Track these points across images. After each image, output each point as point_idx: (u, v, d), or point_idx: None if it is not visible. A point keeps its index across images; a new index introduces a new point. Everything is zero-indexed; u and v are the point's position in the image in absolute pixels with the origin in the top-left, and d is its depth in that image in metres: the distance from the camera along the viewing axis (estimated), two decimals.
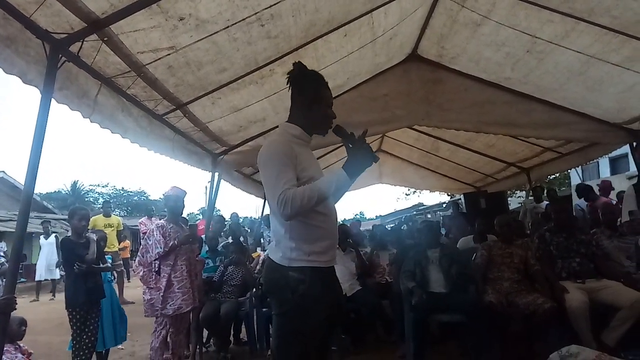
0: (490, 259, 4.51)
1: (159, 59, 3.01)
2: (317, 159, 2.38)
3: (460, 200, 10.81)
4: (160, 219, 5.32)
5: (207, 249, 5.65)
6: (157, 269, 4.11)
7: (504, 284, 4.34)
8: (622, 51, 3.69)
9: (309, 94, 2.19)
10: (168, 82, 3.39)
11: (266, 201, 8.69)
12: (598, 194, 7.52)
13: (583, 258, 4.22)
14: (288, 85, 2.23)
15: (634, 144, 5.22)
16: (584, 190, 7.69)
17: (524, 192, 15.43)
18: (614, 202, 7.01)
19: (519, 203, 15.01)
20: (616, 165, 17.22)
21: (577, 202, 8.02)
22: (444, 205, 22.61)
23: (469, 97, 5.06)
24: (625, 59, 3.78)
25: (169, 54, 3.00)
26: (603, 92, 4.49)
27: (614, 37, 3.55)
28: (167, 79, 3.34)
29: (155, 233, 4.15)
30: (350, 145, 2.18)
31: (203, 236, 5.81)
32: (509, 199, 14.47)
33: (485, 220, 5.70)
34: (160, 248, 4.08)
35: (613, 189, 8.07)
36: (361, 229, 10.30)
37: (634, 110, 4.68)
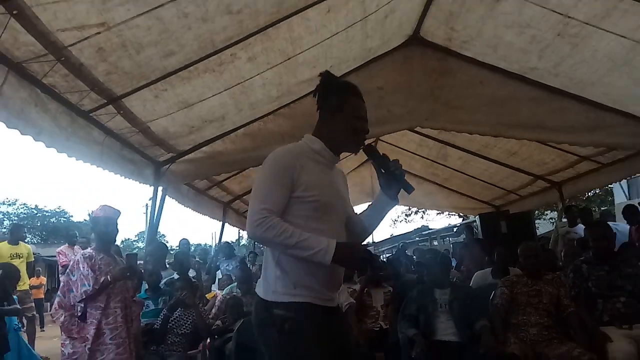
0: (513, 299, 4.54)
1: (86, 38, 2.98)
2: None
3: (475, 223, 10.91)
4: (86, 247, 5.23)
5: (147, 287, 5.57)
6: (80, 313, 4.03)
7: (530, 330, 4.37)
8: None
9: (332, 102, 2.37)
10: (97, 69, 3.36)
11: (224, 224, 8.74)
12: None
13: (630, 297, 4.28)
14: (315, 98, 2.44)
15: None
16: (627, 210, 7.87)
17: (555, 212, 15.68)
18: None
19: (552, 224, 15.22)
20: None
21: (614, 224, 8.18)
22: (455, 230, 22.76)
23: (485, 92, 5.12)
24: None
25: (98, 33, 2.98)
26: None
27: None
28: (96, 64, 3.31)
29: (81, 266, 4.07)
30: (383, 171, 2.41)
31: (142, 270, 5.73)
32: (537, 221, 14.70)
33: (507, 249, 5.76)
34: (89, 285, 3.99)
35: None
36: None
37: None
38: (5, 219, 41.20)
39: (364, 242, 2.32)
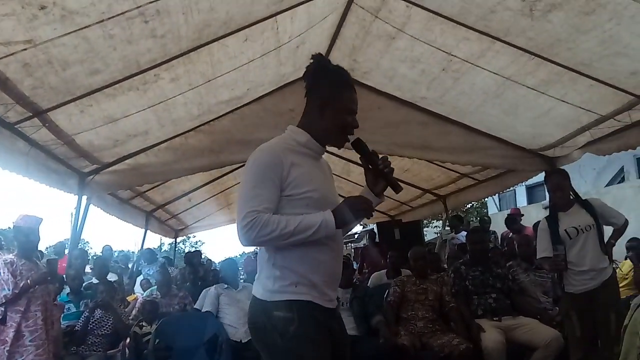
0: (403, 297, 4.67)
1: (12, 54, 2.79)
2: None
3: (373, 231, 11.14)
4: (9, 253, 4.88)
5: (69, 290, 5.27)
6: (0, 317, 3.76)
7: (417, 323, 4.51)
8: (538, 74, 4.07)
9: (323, 94, 2.06)
10: (23, 84, 3.15)
11: (146, 231, 8.43)
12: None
13: (499, 294, 4.52)
14: (304, 81, 2.13)
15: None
16: (508, 220, 8.37)
17: (440, 221, 16.33)
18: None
19: (436, 233, 15.82)
20: (533, 194, 18.85)
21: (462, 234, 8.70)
22: (356, 236, 23.16)
23: (382, 117, 5.26)
24: (540, 82, 4.17)
25: (25, 49, 2.80)
26: (519, 117, 4.91)
27: (529, 59, 3.90)
28: (22, 79, 3.10)
29: (2, 271, 3.82)
30: (370, 167, 2.15)
31: (64, 275, 5.43)
32: (425, 229, 15.25)
33: (400, 253, 5.92)
34: (9, 290, 3.75)
35: (523, 214, 8.88)
36: None
37: (549, 136, 5.16)
38: None
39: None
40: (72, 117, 3.88)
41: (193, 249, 17.79)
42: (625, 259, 6.34)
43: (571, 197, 4.05)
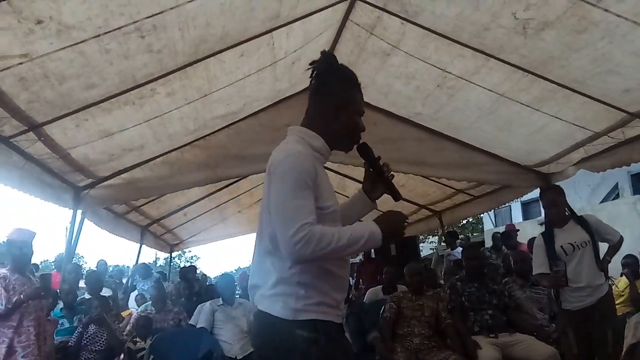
0: (399, 313, 4.64)
1: (8, 68, 2.80)
2: None
3: None
4: (2, 268, 4.84)
5: (62, 305, 5.22)
6: None
7: (414, 340, 4.47)
8: (532, 91, 4.10)
9: (337, 95, 1.95)
10: (19, 98, 3.15)
11: (142, 246, 8.38)
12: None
13: (495, 310, 4.49)
14: (310, 79, 2.00)
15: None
16: (503, 236, 8.33)
17: (436, 237, 16.30)
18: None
19: (431, 249, 15.81)
20: (528, 210, 18.87)
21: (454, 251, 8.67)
22: None
23: (378, 132, 5.24)
24: (534, 99, 4.20)
25: (21, 63, 2.80)
26: (513, 133, 4.93)
27: (523, 76, 3.93)
28: (18, 93, 3.10)
29: None
30: (372, 170, 2.13)
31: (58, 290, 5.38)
32: (421, 244, 15.21)
33: (395, 269, 5.90)
34: (1, 305, 3.71)
35: (518, 230, 8.85)
36: None
37: (543, 152, 5.18)
38: None
39: None
40: (68, 131, 3.88)
41: (188, 264, 17.72)
42: (621, 275, 6.32)
43: (566, 214, 4.05)
